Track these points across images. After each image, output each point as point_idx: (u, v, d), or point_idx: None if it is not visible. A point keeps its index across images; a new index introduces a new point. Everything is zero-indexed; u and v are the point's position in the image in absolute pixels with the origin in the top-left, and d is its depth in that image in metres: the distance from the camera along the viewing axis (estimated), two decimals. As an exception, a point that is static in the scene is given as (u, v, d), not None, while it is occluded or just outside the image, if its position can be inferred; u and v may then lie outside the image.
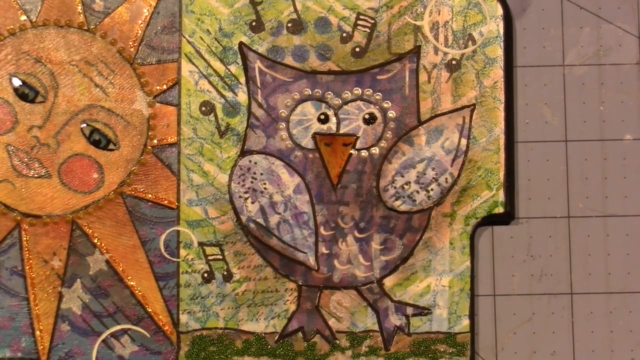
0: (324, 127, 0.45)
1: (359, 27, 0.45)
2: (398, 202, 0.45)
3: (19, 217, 0.44)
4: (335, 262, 0.45)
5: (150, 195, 0.45)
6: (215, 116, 0.45)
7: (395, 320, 0.45)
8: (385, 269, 0.45)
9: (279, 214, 0.45)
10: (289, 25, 0.45)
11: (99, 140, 0.45)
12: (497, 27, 0.45)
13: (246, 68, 0.45)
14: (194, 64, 0.45)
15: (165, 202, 0.45)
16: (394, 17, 0.45)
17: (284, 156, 0.45)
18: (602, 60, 0.46)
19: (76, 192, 0.45)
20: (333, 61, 0.45)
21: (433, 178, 0.45)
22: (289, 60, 0.45)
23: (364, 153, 0.45)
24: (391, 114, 0.45)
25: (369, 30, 0.45)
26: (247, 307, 0.45)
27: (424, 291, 0.45)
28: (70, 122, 0.45)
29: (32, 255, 0.44)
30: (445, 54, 0.45)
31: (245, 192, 0.45)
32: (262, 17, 0.45)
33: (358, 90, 0.45)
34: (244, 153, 0.45)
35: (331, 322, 0.45)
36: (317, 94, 0.45)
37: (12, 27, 0.44)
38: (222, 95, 0.45)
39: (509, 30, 0.45)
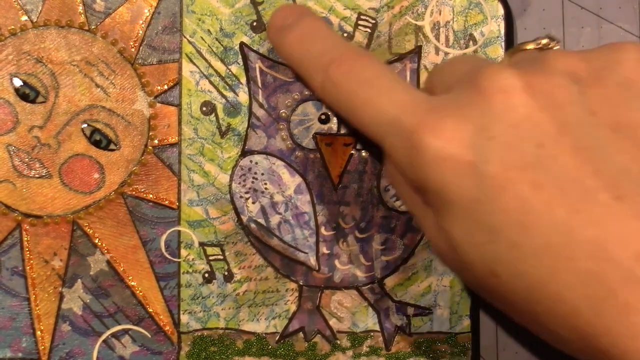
0: (325, 127, 0.45)
1: (360, 27, 0.45)
2: (399, 202, 0.45)
3: (20, 217, 0.44)
4: (336, 262, 0.45)
5: (151, 196, 0.45)
6: (216, 116, 0.45)
7: (396, 320, 0.45)
8: (386, 269, 0.45)
9: (279, 214, 0.45)
10: (290, 25, 0.45)
11: (100, 141, 0.45)
12: (498, 27, 0.45)
13: (247, 68, 0.45)
14: (194, 64, 0.45)
15: (166, 202, 0.45)
16: (395, 17, 0.45)
17: (285, 156, 0.45)
18: (603, 60, 0.46)
19: (77, 193, 0.45)
20: (334, 61, 0.45)
21: (434, 178, 0.45)
22: (289, 60, 0.45)
23: (364, 153, 0.45)
24: (392, 114, 0.45)
25: (370, 31, 0.45)
26: (248, 307, 0.45)
27: (425, 291, 0.45)
28: (71, 122, 0.45)
29: (32, 256, 0.44)
30: (447, 53, 0.45)
31: (246, 192, 0.45)
32: (263, 17, 0.45)
33: (359, 91, 0.45)
34: (244, 153, 0.45)
35: (332, 322, 0.45)
36: (318, 94, 0.45)
37: (13, 27, 0.44)
38: (223, 96, 0.45)
39: (510, 30, 0.45)
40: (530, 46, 0.32)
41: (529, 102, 0.27)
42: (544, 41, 0.32)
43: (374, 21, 0.45)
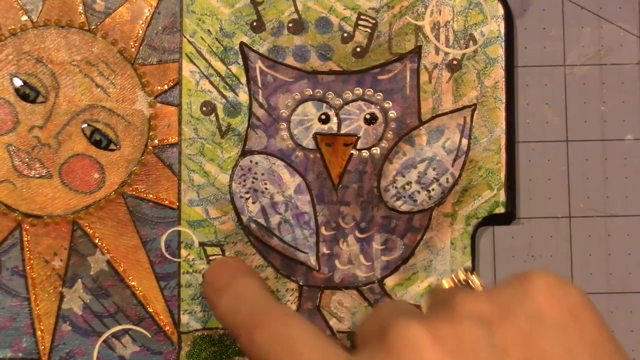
0: (325, 127, 0.45)
1: (359, 27, 0.45)
2: (399, 202, 0.45)
3: (20, 217, 0.44)
4: (336, 262, 0.45)
5: (151, 196, 0.45)
6: (216, 116, 0.45)
7: (396, 320, 0.45)
8: (386, 269, 0.45)
9: (280, 214, 0.45)
10: (290, 25, 0.45)
11: (100, 141, 0.45)
12: (498, 27, 0.45)
13: (247, 68, 0.45)
14: (194, 64, 0.45)
15: (166, 202, 0.45)
16: (395, 17, 0.45)
17: (285, 156, 0.45)
18: (603, 60, 0.46)
19: (77, 193, 0.45)
20: (334, 61, 0.45)
21: (434, 178, 0.45)
22: (289, 60, 0.45)
23: (365, 153, 0.45)
24: (392, 114, 0.45)
25: (369, 30, 0.45)
26: (248, 307, 0.45)
27: (425, 291, 0.45)
28: (71, 122, 0.45)
29: (33, 256, 0.44)
30: (446, 54, 0.45)
31: (246, 192, 0.45)
32: (263, 17, 0.45)
33: (359, 91, 0.45)
34: (244, 153, 0.45)
35: (332, 322, 0.45)
36: (318, 94, 0.45)
37: (13, 27, 0.45)
38: (223, 96, 0.45)
39: (510, 30, 0.45)
40: (448, 284, 0.33)
41: (438, 354, 0.28)
42: (462, 277, 0.33)
43: (374, 21, 0.45)
